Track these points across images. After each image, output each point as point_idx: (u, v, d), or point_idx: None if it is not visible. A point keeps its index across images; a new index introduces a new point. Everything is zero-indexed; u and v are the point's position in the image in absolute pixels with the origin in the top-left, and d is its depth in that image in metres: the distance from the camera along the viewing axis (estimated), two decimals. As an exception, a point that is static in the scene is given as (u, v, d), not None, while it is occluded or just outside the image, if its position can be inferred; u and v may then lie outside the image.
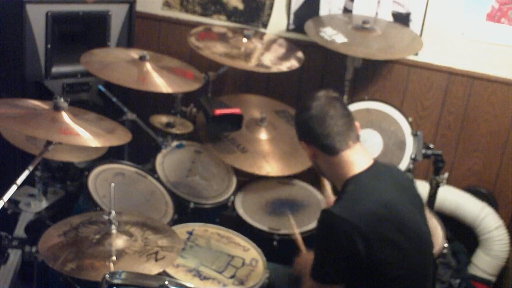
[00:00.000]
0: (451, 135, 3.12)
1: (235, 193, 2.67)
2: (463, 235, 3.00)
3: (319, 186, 2.82)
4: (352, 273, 1.76)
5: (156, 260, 1.87)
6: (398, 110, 2.77)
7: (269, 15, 3.20)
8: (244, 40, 2.87)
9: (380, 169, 1.90)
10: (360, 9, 3.09)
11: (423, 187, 2.78)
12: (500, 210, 3.03)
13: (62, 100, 2.07)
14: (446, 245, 2.43)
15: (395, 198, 1.84)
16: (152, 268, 1.83)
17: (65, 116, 2.06)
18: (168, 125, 2.78)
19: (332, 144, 1.85)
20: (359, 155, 1.88)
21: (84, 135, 2.02)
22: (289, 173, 2.70)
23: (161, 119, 2.80)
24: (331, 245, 1.76)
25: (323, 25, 2.94)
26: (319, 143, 1.87)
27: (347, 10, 3.10)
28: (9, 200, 1.98)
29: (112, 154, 2.57)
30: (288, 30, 3.19)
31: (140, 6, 3.19)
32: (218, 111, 2.59)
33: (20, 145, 2.37)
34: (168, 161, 2.71)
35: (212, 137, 2.72)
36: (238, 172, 2.73)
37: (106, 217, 1.91)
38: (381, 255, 1.73)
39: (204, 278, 2.07)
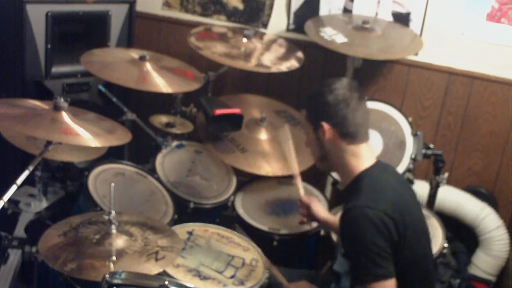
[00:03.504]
0: (451, 135, 3.12)
1: (235, 193, 2.67)
2: (463, 235, 3.00)
3: (319, 186, 2.83)
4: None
5: (156, 260, 1.86)
6: (398, 110, 2.77)
7: (269, 15, 3.20)
8: (244, 40, 2.87)
9: (383, 166, 1.94)
10: (360, 9, 3.09)
11: (423, 187, 2.78)
12: (500, 210, 3.03)
13: (62, 100, 2.07)
14: (446, 245, 2.43)
15: (402, 189, 1.90)
16: (152, 268, 1.83)
17: (65, 116, 2.05)
18: (168, 125, 2.78)
19: (356, 133, 1.86)
20: (369, 152, 1.91)
21: (84, 135, 2.02)
22: (289, 173, 2.70)
23: (161, 119, 2.80)
24: (371, 236, 1.70)
25: (323, 25, 2.93)
26: (342, 127, 1.85)
27: (347, 10, 3.10)
28: (9, 200, 1.98)
29: (112, 154, 2.57)
30: (288, 30, 3.19)
31: (140, 6, 3.19)
32: (218, 111, 2.58)
33: (20, 145, 2.36)
34: (168, 161, 2.71)
35: (212, 137, 2.72)
36: (238, 172, 2.73)
37: (106, 217, 1.91)
38: (405, 240, 1.74)
39: (204, 278, 2.07)
